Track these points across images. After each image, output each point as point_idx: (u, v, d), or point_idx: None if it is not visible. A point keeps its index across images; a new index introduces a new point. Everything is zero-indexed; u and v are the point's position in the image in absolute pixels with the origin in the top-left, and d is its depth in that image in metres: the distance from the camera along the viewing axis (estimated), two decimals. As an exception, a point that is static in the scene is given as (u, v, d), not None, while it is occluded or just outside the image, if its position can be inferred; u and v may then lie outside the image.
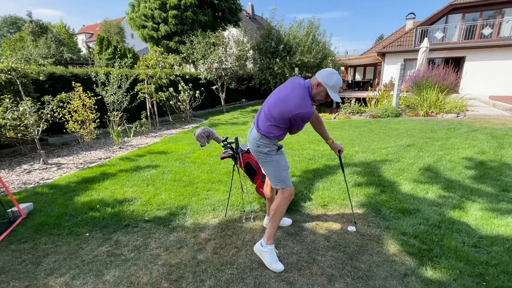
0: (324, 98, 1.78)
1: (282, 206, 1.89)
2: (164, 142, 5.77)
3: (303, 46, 12.74)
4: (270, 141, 1.89)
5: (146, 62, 7.35)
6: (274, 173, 1.93)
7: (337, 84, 1.73)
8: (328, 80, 1.71)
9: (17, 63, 4.44)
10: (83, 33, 44.86)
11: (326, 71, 1.74)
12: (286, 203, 1.90)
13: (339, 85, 1.74)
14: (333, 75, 1.72)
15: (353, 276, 1.80)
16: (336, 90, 1.75)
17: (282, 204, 1.89)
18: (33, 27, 18.36)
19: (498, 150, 4.44)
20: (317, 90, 1.76)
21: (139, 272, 1.90)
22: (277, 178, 1.93)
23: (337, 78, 1.72)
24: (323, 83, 1.72)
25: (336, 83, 1.73)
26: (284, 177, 1.91)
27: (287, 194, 1.89)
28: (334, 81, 1.71)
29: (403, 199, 2.84)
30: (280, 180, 1.92)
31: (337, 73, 1.74)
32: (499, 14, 12.81)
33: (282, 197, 1.89)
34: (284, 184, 1.91)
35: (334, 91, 1.74)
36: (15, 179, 3.74)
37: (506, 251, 2.00)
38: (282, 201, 1.89)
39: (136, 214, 2.68)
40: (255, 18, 26.03)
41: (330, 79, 1.71)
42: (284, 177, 1.91)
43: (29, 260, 2.03)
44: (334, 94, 1.74)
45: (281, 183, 1.92)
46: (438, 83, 8.75)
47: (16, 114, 4.13)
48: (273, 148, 1.91)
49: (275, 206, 1.90)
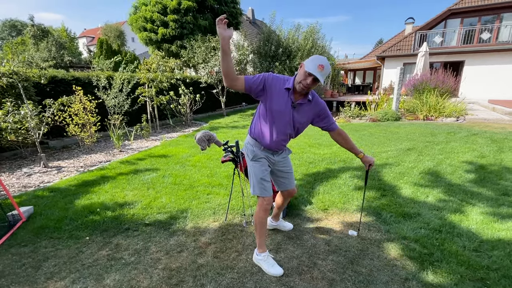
0: (303, 79, 1.64)
1: (257, 214, 1.89)
2: (165, 146, 5.78)
3: (302, 50, 12.82)
4: (254, 142, 1.89)
5: (148, 66, 7.40)
6: (249, 177, 1.96)
7: (316, 60, 1.61)
8: (308, 59, 1.67)
9: (18, 66, 4.46)
10: (84, 37, 45.13)
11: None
12: (261, 212, 1.87)
13: (319, 62, 1.60)
14: (316, 55, 1.68)
15: (354, 281, 1.80)
16: (315, 65, 1.59)
17: (258, 213, 1.88)
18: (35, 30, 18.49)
19: (498, 154, 4.44)
20: (298, 72, 1.70)
21: (140, 276, 1.89)
22: (250, 183, 1.94)
23: (318, 56, 1.64)
24: (304, 62, 1.68)
25: (315, 58, 1.62)
26: (255, 184, 1.89)
27: (259, 203, 1.89)
28: (313, 57, 1.65)
29: (404, 203, 2.84)
30: (251, 185, 1.92)
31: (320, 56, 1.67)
32: (498, 19, 12.92)
33: (257, 205, 1.90)
34: (255, 192, 1.89)
35: (311, 65, 1.61)
36: (15, 182, 3.74)
37: (507, 255, 1.99)
38: (257, 210, 1.89)
39: (137, 218, 2.67)
40: (255, 23, 26.19)
41: (311, 57, 1.66)
42: (255, 185, 1.89)
43: (29, 264, 2.02)
44: (311, 67, 1.60)
45: (252, 189, 1.92)
46: (438, 87, 8.80)
47: (17, 118, 4.14)
48: (251, 152, 1.89)
49: (254, 216, 1.92)
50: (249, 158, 1.91)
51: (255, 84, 1.71)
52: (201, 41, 10.88)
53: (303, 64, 1.66)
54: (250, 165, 1.92)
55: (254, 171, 1.89)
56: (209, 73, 10.17)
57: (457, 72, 13.02)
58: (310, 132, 6.79)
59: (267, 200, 1.88)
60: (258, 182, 1.87)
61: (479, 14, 13.20)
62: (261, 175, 1.87)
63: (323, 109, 1.83)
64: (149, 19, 13.75)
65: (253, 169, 1.89)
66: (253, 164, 1.90)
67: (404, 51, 14.66)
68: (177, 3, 13.07)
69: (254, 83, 1.70)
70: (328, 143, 5.46)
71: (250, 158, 1.91)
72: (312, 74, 1.59)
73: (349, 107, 9.85)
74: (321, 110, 1.82)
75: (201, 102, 8.86)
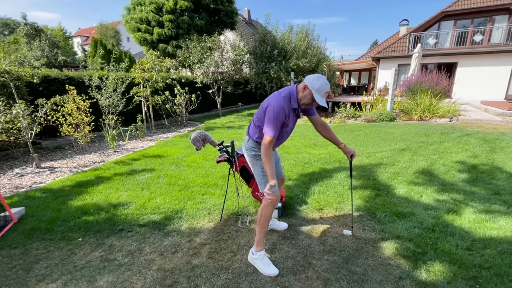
0: (310, 101, 1.76)
1: (266, 209, 1.90)
2: (160, 146, 5.74)
3: (297, 50, 12.86)
4: (256, 145, 1.96)
5: (142, 66, 7.34)
6: (258, 177, 2.01)
7: (322, 87, 1.71)
8: (314, 83, 1.71)
9: (10, 65, 4.39)
10: (79, 36, 44.68)
11: (314, 75, 1.76)
12: (270, 208, 1.90)
13: (326, 90, 1.72)
14: (319, 79, 1.72)
15: (348, 280, 1.80)
16: (322, 94, 1.72)
17: (267, 208, 1.90)
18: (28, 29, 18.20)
19: (490, 154, 4.51)
20: (303, 93, 1.76)
21: (133, 277, 1.87)
22: (261, 182, 1.99)
23: (324, 81, 1.71)
24: (309, 86, 1.72)
25: (322, 86, 1.70)
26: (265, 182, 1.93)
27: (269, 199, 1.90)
28: (320, 84, 1.70)
29: (398, 203, 2.87)
30: (264, 184, 1.96)
31: (324, 78, 1.74)
32: (490, 21, 13.13)
33: (266, 202, 1.91)
34: None
35: (319, 95, 1.72)
36: (6, 183, 3.68)
37: (498, 254, 2.02)
38: (266, 206, 1.90)
39: (131, 219, 2.64)
40: (251, 23, 26.23)
41: (316, 82, 1.71)
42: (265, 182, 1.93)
43: (19, 266, 1.99)
44: (320, 97, 1.72)
45: (264, 187, 1.94)
46: (431, 88, 8.90)
47: (9, 117, 4.08)
48: (259, 153, 1.94)
49: (261, 211, 1.92)
50: (259, 159, 1.97)
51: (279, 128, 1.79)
52: (197, 41, 10.84)
53: (307, 87, 1.74)
54: (260, 165, 1.97)
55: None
56: (205, 73, 10.14)
57: (450, 73, 13.20)
58: (306, 132, 6.81)
59: (277, 195, 1.92)
60: None
61: (472, 16, 13.40)
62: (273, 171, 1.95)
63: None
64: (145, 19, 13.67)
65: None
66: None
67: (398, 52, 14.81)
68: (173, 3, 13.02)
69: (279, 129, 1.79)
70: (324, 144, 5.48)
71: (260, 158, 1.95)
72: (321, 104, 1.72)
73: (345, 107, 9.91)
74: None
75: (197, 102, 8.83)
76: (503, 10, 12.69)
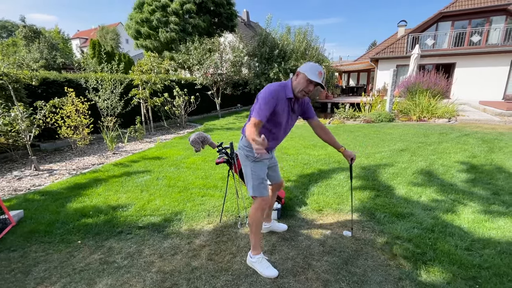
0: (305, 86, 1.72)
1: (255, 215, 1.88)
2: (159, 148, 5.73)
3: (296, 52, 12.89)
4: (249, 143, 1.88)
5: (141, 67, 7.35)
6: (247, 178, 1.95)
7: (314, 67, 1.70)
8: (304, 67, 1.73)
9: (9, 68, 4.39)
10: (78, 38, 44.65)
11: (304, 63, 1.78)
12: (259, 212, 1.87)
13: (318, 69, 1.70)
14: (309, 63, 1.75)
15: (348, 281, 1.80)
16: (315, 73, 1.69)
17: (256, 214, 1.88)
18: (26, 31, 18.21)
19: (488, 154, 4.52)
20: (297, 80, 1.75)
21: (132, 280, 1.87)
22: (249, 185, 1.93)
23: (314, 64, 1.73)
24: (301, 70, 1.73)
25: (313, 66, 1.71)
26: (256, 186, 1.89)
27: (257, 204, 1.89)
28: (310, 65, 1.71)
29: (397, 203, 2.87)
30: (251, 187, 1.91)
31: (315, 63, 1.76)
32: (487, 22, 13.20)
33: (254, 206, 1.90)
34: (255, 192, 1.89)
35: (313, 74, 1.69)
36: (5, 186, 3.66)
37: (498, 254, 2.02)
38: (255, 211, 1.88)
39: (130, 221, 2.64)
40: (250, 25, 26.28)
41: (306, 65, 1.73)
42: (256, 186, 1.89)
43: (18, 269, 1.98)
44: (314, 76, 1.69)
45: (252, 191, 1.91)
46: (430, 89, 8.93)
47: (8, 120, 4.07)
48: (251, 154, 1.88)
49: (250, 219, 1.91)
50: (250, 160, 1.91)
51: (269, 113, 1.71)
52: (198, 42, 10.86)
53: (299, 73, 1.74)
54: (250, 166, 1.91)
55: (256, 172, 1.90)
56: (204, 75, 10.14)
57: (448, 74, 13.25)
58: (305, 133, 6.81)
59: (266, 200, 1.91)
60: (259, 182, 1.89)
61: (469, 17, 13.47)
62: (263, 175, 1.92)
63: (307, 102, 1.97)
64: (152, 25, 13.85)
65: (255, 170, 1.90)
66: (255, 165, 1.91)
67: (397, 53, 14.85)
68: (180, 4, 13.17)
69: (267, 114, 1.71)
70: (323, 145, 5.48)
71: (251, 160, 1.90)
72: (317, 83, 1.69)
73: (344, 108, 9.92)
74: (306, 103, 1.97)
75: (196, 103, 8.83)
76: (501, 11, 12.76)
